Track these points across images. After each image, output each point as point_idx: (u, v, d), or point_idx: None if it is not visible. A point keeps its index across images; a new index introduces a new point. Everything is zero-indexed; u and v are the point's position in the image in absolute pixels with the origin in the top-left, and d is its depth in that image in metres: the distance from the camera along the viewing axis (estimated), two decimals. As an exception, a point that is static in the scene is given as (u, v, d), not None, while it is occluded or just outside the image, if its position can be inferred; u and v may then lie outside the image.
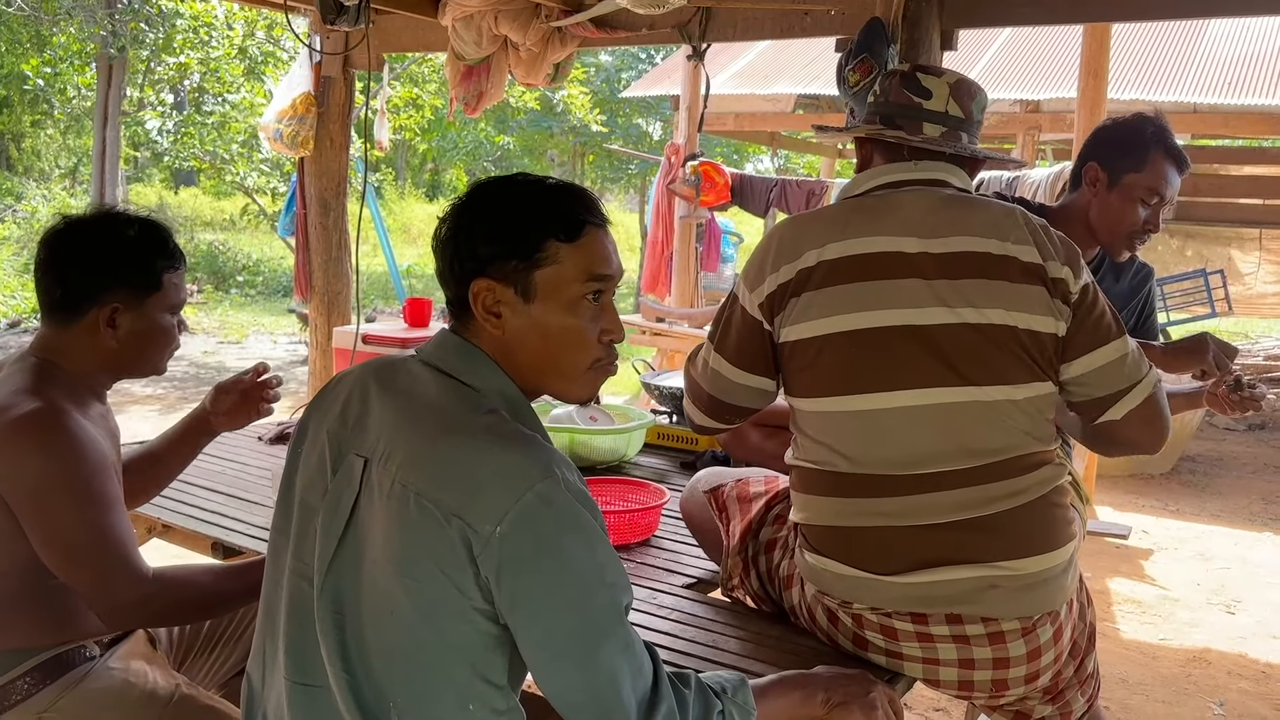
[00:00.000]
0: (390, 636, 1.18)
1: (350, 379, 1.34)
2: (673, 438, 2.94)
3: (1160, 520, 5.51)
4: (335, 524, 1.23)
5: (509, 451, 1.16)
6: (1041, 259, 1.58)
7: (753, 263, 1.69)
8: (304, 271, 4.74)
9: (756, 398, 1.73)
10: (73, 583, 1.54)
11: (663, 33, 3.92)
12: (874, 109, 1.77)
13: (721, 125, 9.11)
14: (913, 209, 1.63)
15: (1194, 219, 10.34)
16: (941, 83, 1.71)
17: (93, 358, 1.66)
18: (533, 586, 1.13)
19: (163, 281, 1.68)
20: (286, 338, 10.96)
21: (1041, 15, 3.26)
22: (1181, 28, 8.19)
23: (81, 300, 1.63)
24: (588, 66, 16.51)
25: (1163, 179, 2.20)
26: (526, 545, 1.12)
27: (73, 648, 1.62)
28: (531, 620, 1.15)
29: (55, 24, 11.72)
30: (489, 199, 1.28)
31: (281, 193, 12.19)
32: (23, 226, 14.68)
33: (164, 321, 1.70)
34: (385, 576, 1.17)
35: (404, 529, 1.16)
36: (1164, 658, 3.72)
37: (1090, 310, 1.60)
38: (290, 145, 4.47)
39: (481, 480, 1.14)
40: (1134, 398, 1.61)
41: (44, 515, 1.52)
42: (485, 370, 1.27)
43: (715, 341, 1.74)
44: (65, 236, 1.65)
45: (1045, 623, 1.59)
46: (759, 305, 1.65)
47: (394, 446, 1.21)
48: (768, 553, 1.82)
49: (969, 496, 1.55)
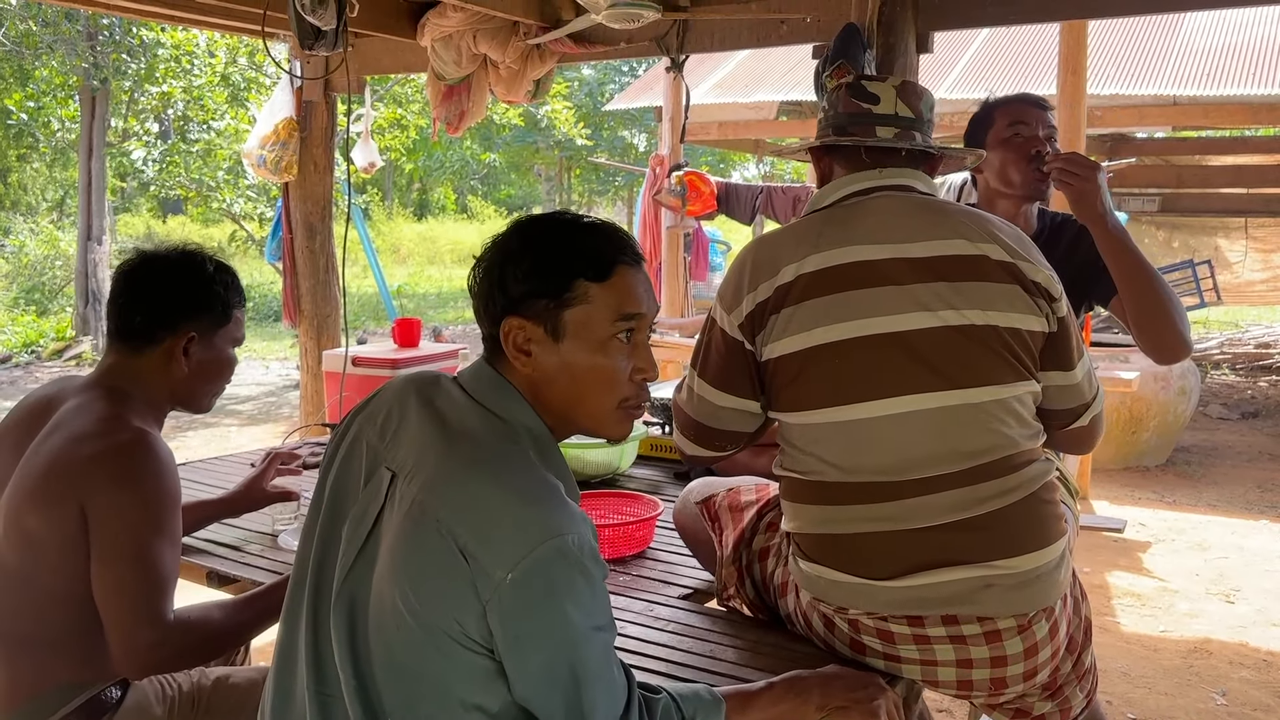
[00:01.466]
0: (392, 651, 1.19)
1: (394, 389, 1.35)
2: (666, 449, 2.94)
3: (1156, 512, 5.52)
4: (359, 533, 1.24)
5: (533, 503, 1.17)
6: (1010, 256, 1.61)
7: (728, 285, 1.68)
8: (292, 296, 4.74)
9: (743, 420, 1.71)
10: (105, 611, 1.57)
11: (640, 46, 3.94)
12: (826, 122, 1.78)
13: (705, 135, 9.14)
14: (883, 216, 1.64)
15: (1179, 210, 10.39)
16: (887, 86, 1.73)
17: (163, 385, 1.75)
18: (533, 633, 1.15)
19: (232, 315, 1.81)
20: (279, 363, 10.95)
21: (1014, 15, 3.28)
22: (1158, 21, 8.24)
23: (161, 328, 1.74)
24: (570, 81, 16.57)
25: (1017, 114, 2.30)
26: (534, 595, 1.14)
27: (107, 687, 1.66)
28: (528, 660, 1.17)
29: (37, 58, 11.71)
30: (522, 238, 1.29)
31: (268, 218, 12.20)
32: (11, 261, 14.66)
33: (228, 354, 1.83)
34: (392, 592, 1.18)
35: (415, 550, 1.17)
36: (1165, 649, 3.73)
37: (1067, 330, 1.66)
38: (274, 170, 4.48)
39: (502, 524, 1.15)
40: (1098, 404, 1.75)
41: (118, 536, 1.57)
42: (515, 406, 1.28)
43: (698, 367, 1.72)
44: (147, 268, 1.76)
45: (1041, 619, 1.59)
46: (739, 326, 1.64)
47: (421, 466, 1.22)
48: (761, 561, 1.82)
49: (961, 498, 1.56)
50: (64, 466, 1.60)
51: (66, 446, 1.62)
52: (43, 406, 1.75)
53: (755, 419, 1.71)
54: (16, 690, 1.62)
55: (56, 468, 1.60)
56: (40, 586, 1.62)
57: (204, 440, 7.28)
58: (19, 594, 1.64)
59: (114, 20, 11.00)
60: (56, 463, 1.61)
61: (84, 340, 11.42)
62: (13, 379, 10.12)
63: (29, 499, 1.62)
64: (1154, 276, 2.08)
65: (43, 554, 1.61)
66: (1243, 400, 8.76)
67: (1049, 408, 1.70)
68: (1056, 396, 1.69)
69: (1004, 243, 1.63)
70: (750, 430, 1.73)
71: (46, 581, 1.61)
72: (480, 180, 18.24)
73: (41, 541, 1.60)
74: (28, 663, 1.63)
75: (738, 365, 1.66)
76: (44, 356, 11.11)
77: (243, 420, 8.10)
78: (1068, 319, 1.67)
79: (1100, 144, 9.09)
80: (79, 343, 11.37)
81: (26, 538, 1.62)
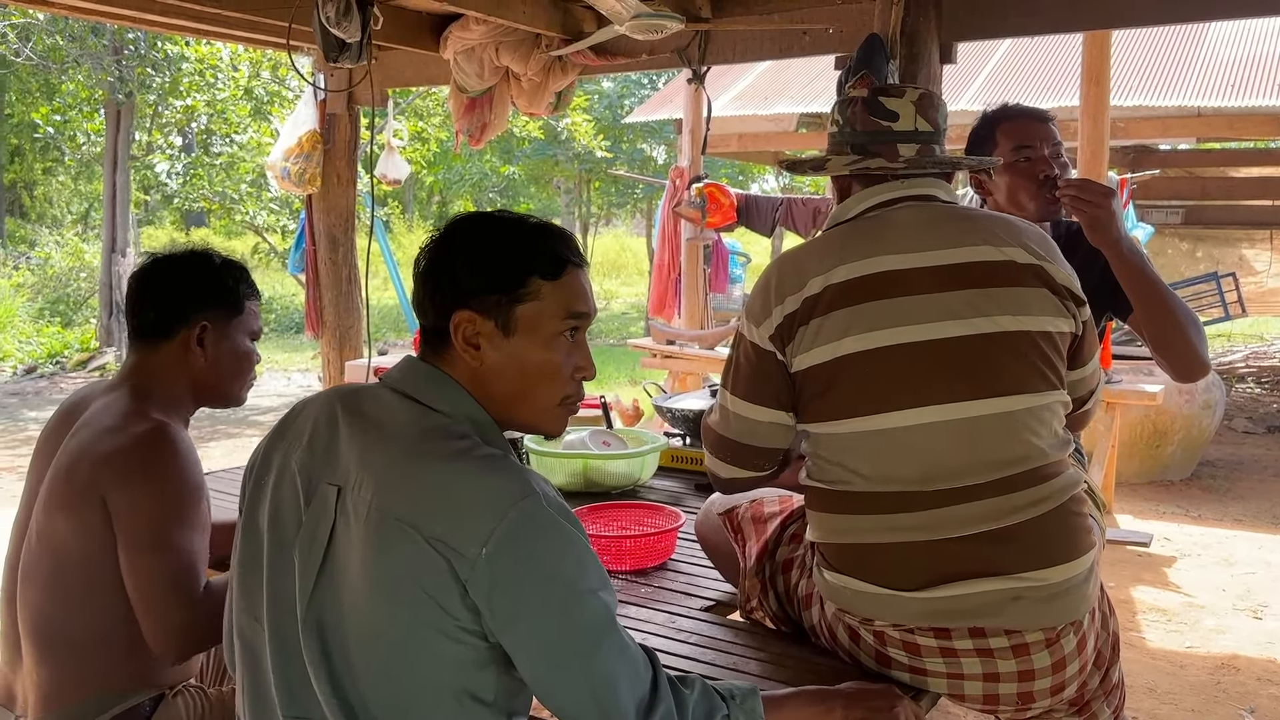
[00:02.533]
0: (378, 660, 1.19)
1: (314, 407, 1.35)
2: (687, 460, 2.94)
3: (1182, 526, 5.46)
4: (313, 555, 1.24)
5: (487, 474, 1.19)
6: (1036, 259, 1.62)
7: (755, 300, 1.68)
8: (315, 307, 4.77)
9: (780, 435, 1.69)
10: (137, 600, 1.60)
11: (662, 58, 3.95)
12: (842, 139, 1.75)
13: (725, 147, 9.15)
14: (909, 226, 1.64)
15: (1203, 222, 10.31)
16: (905, 102, 1.72)
17: (183, 377, 1.79)
18: (526, 602, 1.15)
19: (245, 306, 1.85)
20: (300, 374, 11.00)
21: (1038, 25, 3.27)
22: (1182, 32, 8.20)
23: (173, 320, 1.78)
24: (590, 94, 16.62)
25: (1021, 134, 2.27)
26: (515, 564, 1.15)
27: (143, 700, 1.68)
28: (529, 635, 1.16)
29: (63, 72, 11.85)
30: (472, 233, 1.32)
31: (291, 230, 12.29)
32: (36, 273, 14.81)
33: (245, 345, 1.86)
34: (368, 602, 1.18)
35: (382, 553, 1.17)
36: (1192, 665, 3.68)
37: (1089, 325, 1.70)
38: (298, 183, 4.51)
39: (463, 503, 1.16)
40: (1098, 393, 1.82)
41: (140, 525, 1.60)
42: (455, 396, 1.29)
43: (730, 386, 1.71)
44: (156, 268, 1.82)
45: (1069, 633, 1.58)
46: (769, 338, 1.64)
47: (366, 473, 1.22)
48: (785, 573, 1.81)
49: (990, 508, 1.55)
50: (85, 462, 1.64)
51: (88, 443, 1.66)
52: (72, 411, 1.79)
53: (790, 432, 1.70)
54: (58, 693, 1.65)
55: (79, 464, 1.64)
56: (76, 586, 1.65)
57: (225, 451, 7.32)
58: (56, 595, 1.67)
59: (139, 34, 11.12)
60: (79, 460, 1.65)
61: (108, 351, 11.51)
62: (38, 389, 10.22)
63: (56, 499, 1.66)
64: (1171, 298, 2.07)
65: (74, 552, 1.64)
66: (1269, 414, 8.66)
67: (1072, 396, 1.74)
68: (1078, 390, 1.75)
69: (1029, 246, 1.64)
70: (786, 445, 1.72)
71: (81, 579, 1.65)
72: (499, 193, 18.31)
73: (71, 539, 1.64)
74: (70, 667, 1.65)
75: (771, 377, 1.65)
76: (68, 367, 11.21)
77: (264, 430, 8.12)
78: (1089, 320, 1.70)
79: (1123, 156, 9.04)
80: (103, 354, 11.46)
81: (58, 537, 1.66)
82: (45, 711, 1.65)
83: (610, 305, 18.73)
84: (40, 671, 1.66)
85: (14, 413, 8.98)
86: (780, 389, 1.65)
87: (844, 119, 1.75)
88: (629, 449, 2.71)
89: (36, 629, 1.67)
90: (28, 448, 7.23)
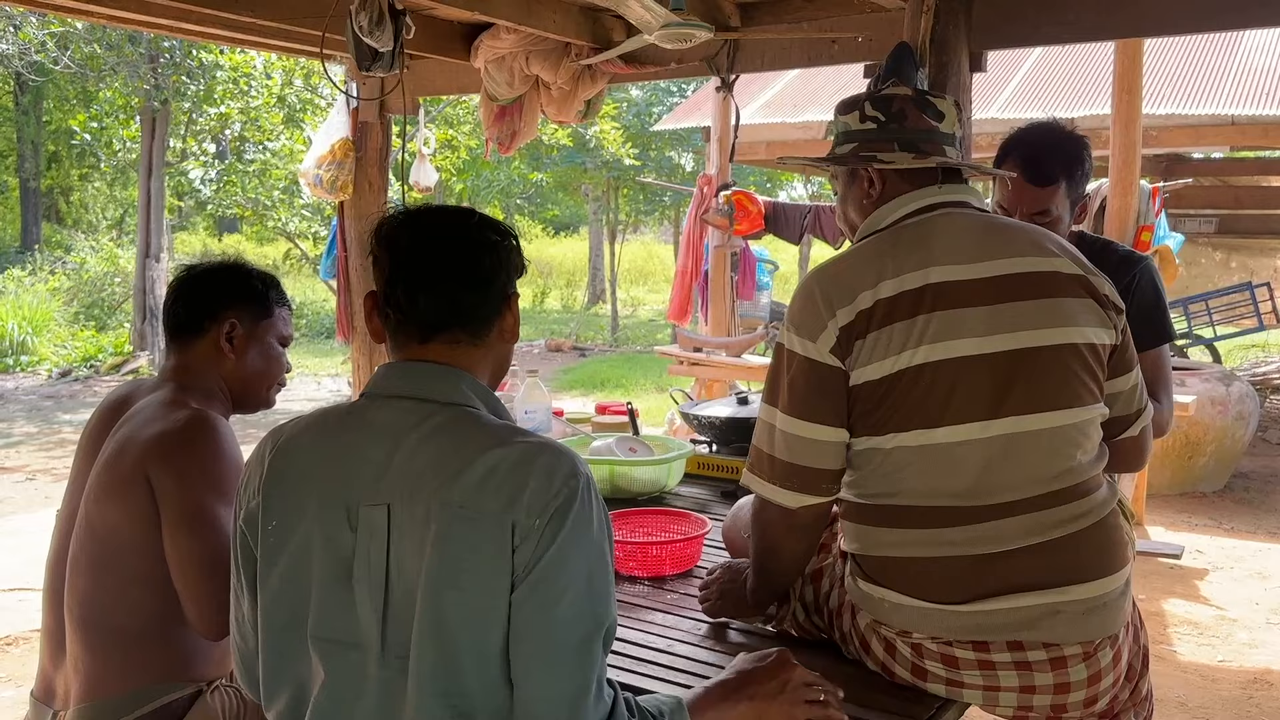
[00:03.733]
0: (482, 657, 1.22)
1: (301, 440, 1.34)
2: (713, 467, 2.94)
3: (1214, 539, 5.40)
4: (375, 580, 1.24)
5: (541, 453, 1.25)
6: (1081, 270, 1.62)
7: (804, 315, 1.60)
8: (346, 313, 4.81)
9: (839, 455, 1.59)
10: (177, 577, 1.66)
11: (691, 66, 3.96)
12: (885, 135, 1.69)
13: (753, 154, 9.14)
14: (952, 236, 1.61)
15: (1237, 231, 10.20)
16: (949, 104, 1.71)
17: (215, 375, 1.86)
18: (563, 565, 1.21)
19: (274, 311, 1.92)
20: (330, 379, 11.09)
21: (1069, 34, 3.25)
22: (1215, 40, 8.12)
23: (203, 317, 1.85)
24: (619, 102, 16.66)
25: (1013, 194, 2.26)
26: (561, 528, 1.22)
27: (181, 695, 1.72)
28: (552, 598, 1.21)
29: (101, 80, 12.04)
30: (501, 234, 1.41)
31: (322, 237, 12.41)
32: (72, 277, 15.03)
33: (275, 349, 1.93)
34: (460, 600, 1.21)
35: (457, 546, 1.21)
36: (1224, 679, 3.64)
37: (1128, 335, 1.68)
38: (330, 190, 4.56)
39: (525, 480, 1.23)
40: (1145, 417, 1.74)
41: (180, 503, 1.66)
42: (463, 383, 1.34)
43: (784, 406, 1.60)
44: (190, 274, 1.90)
45: (1105, 646, 1.57)
46: (830, 351, 1.56)
47: (417, 478, 1.25)
48: (814, 582, 1.80)
49: (1035, 522, 1.54)
50: (132, 447, 1.71)
51: (134, 431, 1.73)
52: (116, 406, 1.87)
53: (843, 451, 1.60)
54: (102, 683, 1.69)
55: (125, 451, 1.71)
56: (122, 572, 1.71)
57: (256, 454, 7.39)
58: (104, 581, 1.72)
59: (175, 43, 11.28)
60: (125, 446, 1.72)
61: (141, 355, 11.66)
62: (72, 392, 10.37)
63: (104, 487, 1.72)
64: None
65: (122, 537, 1.70)
66: (1304, 426, 8.54)
67: (1108, 417, 1.68)
68: (1118, 403, 1.68)
69: (1073, 256, 1.64)
70: (839, 467, 1.61)
71: (127, 566, 1.70)
72: (527, 200, 18.40)
73: (121, 523, 1.70)
74: (115, 655, 1.70)
75: (830, 392, 1.57)
76: (102, 371, 11.36)
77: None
78: (1127, 328, 1.68)
79: (1156, 164, 8.96)
80: (136, 357, 11.62)
81: (107, 524, 1.72)
82: (85, 702, 1.69)
83: (637, 312, 18.75)
84: (85, 659, 1.71)
85: (49, 415, 9.11)
86: (840, 404, 1.57)
87: (886, 115, 1.69)
88: (655, 455, 2.72)
89: (83, 617, 1.72)
90: (62, 450, 7.34)
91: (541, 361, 12.50)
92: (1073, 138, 2.31)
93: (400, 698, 1.23)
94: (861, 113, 1.72)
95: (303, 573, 1.29)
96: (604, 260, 19.11)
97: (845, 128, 1.76)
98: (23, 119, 20.35)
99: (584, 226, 23.26)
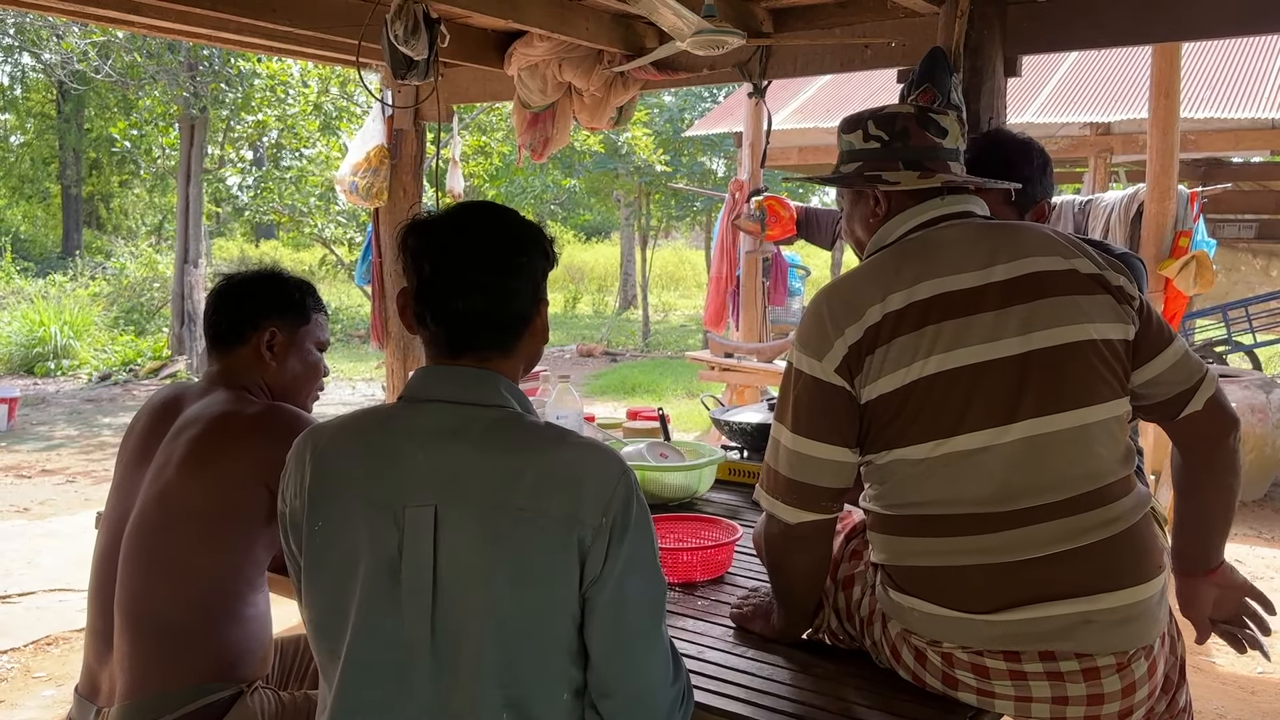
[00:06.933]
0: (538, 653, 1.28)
1: (343, 442, 1.37)
2: (744, 473, 2.93)
3: (1254, 549, 5.31)
4: (422, 578, 1.28)
5: (590, 453, 1.32)
6: (1098, 267, 1.62)
7: (810, 334, 1.62)
8: (380, 318, 4.87)
9: (843, 474, 1.62)
10: None
11: (723, 72, 3.96)
12: (889, 154, 1.70)
13: (785, 160, 9.14)
14: (959, 244, 1.62)
15: (1276, 237, 10.04)
16: (952, 120, 1.72)
17: (258, 382, 1.90)
18: (632, 558, 1.30)
19: (311, 317, 1.96)
20: (364, 383, 11.18)
21: (1104, 38, 3.22)
22: (1255, 43, 8.01)
23: (244, 326, 1.90)
24: (651, 108, 16.69)
25: None
26: (627, 526, 1.30)
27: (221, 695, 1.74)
28: (628, 590, 1.29)
29: (140, 88, 12.25)
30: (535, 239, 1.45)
31: (358, 243, 12.52)
32: (112, 283, 15.26)
33: (314, 355, 1.98)
34: (512, 599, 1.25)
35: (502, 545, 1.25)
36: (1263, 691, 3.58)
37: (1151, 315, 1.65)
38: (365, 196, 4.61)
39: (581, 480, 1.29)
40: (1208, 386, 1.66)
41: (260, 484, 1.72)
42: (502, 385, 1.38)
43: (787, 422, 1.63)
44: (229, 284, 1.95)
45: (1140, 657, 1.55)
46: (835, 370, 1.58)
47: (466, 478, 1.28)
48: (846, 589, 1.80)
49: (1061, 529, 1.53)
50: (208, 438, 1.76)
51: (209, 424, 1.77)
52: (168, 406, 1.89)
53: (853, 471, 1.64)
54: (148, 680, 1.71)
55: (201, 440, 1.75)
56: (178, 569, 1.73)
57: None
58: (159, 579, 1.74)
59: (214, 52, 11.44)
60: (200, 437, 1.76)
61: (179, 359, 11.81)
62: (112, 396, 10.52)
63: (177, 481, 1.74)
64: None
65: (195, 529, 1.73)
66: (1347, 434, 8.38)
67: (1160, 399, 1.65)
68: (1164, 381, 1.64)
69: (1089, 253, 1.64)
70: (846, 486, 1.63)
71: (184, 563, 1.73)
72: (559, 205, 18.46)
73: (196, 515, 1.73)
74: (164, 656, 1.72)
75: (834, 411, 1.59)
76: (141, 375, 11.52)
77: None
78: (1145, 304, 1.65)
79: (1194, 169, 8.85)
80: (174, 362, 11.77)
81: (177, 517, 1.74)
82: (129, 699, 1.71)
83: (668, 318, 18.75)
84: (132, 657, 1.72)
85: (89, 419, 9.26)
86: (844, 423, 1.59)
87: (890, 133, 1.71)
88: (686, 461, 2.72)
89: (135, 613, 1.74)
90: (102, 453, 7.45)
91: (573, 367, 12.54)
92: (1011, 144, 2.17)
93: (450, 689, 1.27)
94: (865, 132, 1.74)
95: (349, 571, 1.32)
96: (635, 265, 19.13)
97: (849, 146, 1.77)
98: (64, 126, 20.73)
99: (615, 232, 23.30)
